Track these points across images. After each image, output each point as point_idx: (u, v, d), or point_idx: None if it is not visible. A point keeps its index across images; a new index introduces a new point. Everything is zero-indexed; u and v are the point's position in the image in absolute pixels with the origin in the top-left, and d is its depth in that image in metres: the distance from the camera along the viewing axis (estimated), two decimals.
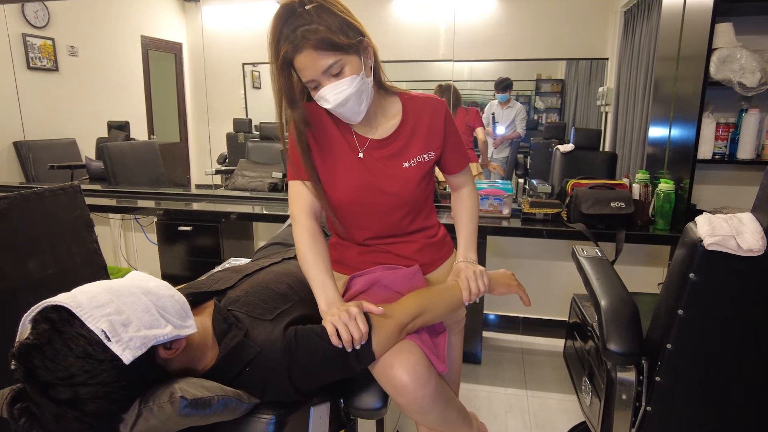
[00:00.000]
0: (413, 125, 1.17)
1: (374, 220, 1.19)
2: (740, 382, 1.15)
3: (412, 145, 1.17)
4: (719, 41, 1.95)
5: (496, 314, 2.70)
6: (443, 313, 1.14)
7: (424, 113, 1.18)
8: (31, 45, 3.62)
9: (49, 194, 1.63)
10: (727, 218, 1.04)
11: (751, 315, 1.09)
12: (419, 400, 1.01)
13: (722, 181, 2.28)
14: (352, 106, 1.06)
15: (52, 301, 0.79)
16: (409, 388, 1.00)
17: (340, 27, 1.00)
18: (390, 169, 1.16)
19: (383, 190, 1.15)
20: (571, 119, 4.17)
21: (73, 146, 3.88)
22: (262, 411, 0.96)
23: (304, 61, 1.00)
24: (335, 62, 1.01)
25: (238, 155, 3.91)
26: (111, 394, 0.78)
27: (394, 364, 1.01)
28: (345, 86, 1.03)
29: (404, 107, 1.18)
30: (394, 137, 1.17)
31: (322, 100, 1.05)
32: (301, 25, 0.98)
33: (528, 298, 1.27)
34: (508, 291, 1.26)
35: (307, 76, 1.03)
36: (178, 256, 2.56)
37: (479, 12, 3.71)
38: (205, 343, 0.99)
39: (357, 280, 1.18)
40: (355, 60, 1.03)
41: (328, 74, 1.02)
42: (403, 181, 1.16)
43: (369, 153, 1.16)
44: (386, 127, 1.17)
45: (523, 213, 2.22)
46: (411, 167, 1.16)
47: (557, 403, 2.07)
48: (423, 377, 1.01)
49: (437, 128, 1.18)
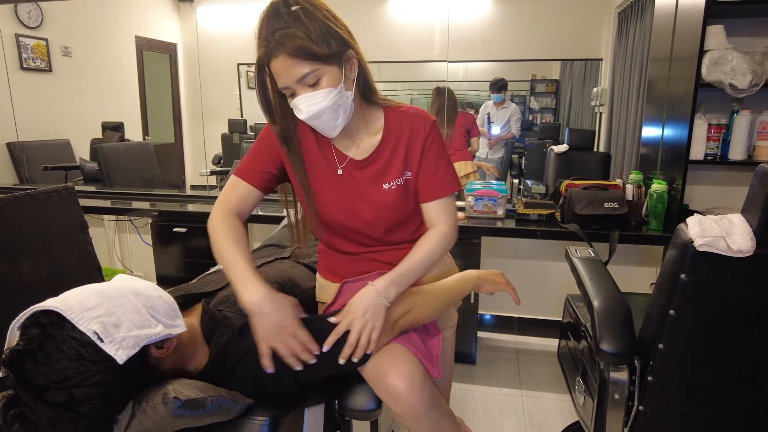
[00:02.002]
0: (394, 143, 1.09)
1: (352, 236, 1.16)
2: (731, 382, 1.16)
3: (392, 166, 1.09)
4: (711, 43, 1.97)
5: (491, 314, 2.71)
6: (436, 309, 1.13)
7: (405, 129, 1.09)
8: (25, 45, 3.60)
9: (43, 196, 1.63)
10: (717, 219, 1.04)
11: (741, 315, 1.10)
12: (415, 407, 1.00)
13: (714, 182, 2.30)
14: (327, 120, 1.00)
15: (40, 306, 0.79)
16: (405, 395, 0.99)
17: (322, 35, 0.94)
18: (369, 193, 1.10)
19: (360, 214, 1.11)
20: (565, 120, 4.18)
21: (67, 147, 3.86)
22: (256, 412, 0.96)
23: (278, 67, 0.95)
24: (311, 72, 0.95)
25: (233, 156, 3.91)
26: (106, 395, 0.78)
27: (389, 372, 1.00)
28: (319, 99, 0.97)
29: (387, 123, 1.10)
30: (374, 157, 1.10)
31: (296, 110, 1.00)
32: (280, 28, 0.93)
33: (518, 296, 1.26)
34: (495, 288, 1.25)
35: (281, 83, 0.97)
36: (173, 257, 2.56)
37: (474, 12, 3.72)
38: (194, 342, 0.99)
39: (349, 286, 1.13)
40: (334, 71, 0.97)
41: (303, 84, 0.96)
42: (382, 206, 1.10)
43: (348, 172, 1.11)
44: (368, 144, 1.11)
45: (518, 213, 2.22)
46: (391, 190, 1.09)
47: (552, 403, 2.07)
48: (419, 384, 1.00)
49: (415, 147, 1.09)
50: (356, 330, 0.99)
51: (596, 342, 1.21)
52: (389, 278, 1.04)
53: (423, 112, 1.11)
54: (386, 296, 1.02)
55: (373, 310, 1.00)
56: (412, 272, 1.07)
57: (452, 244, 1.13)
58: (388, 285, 1.03)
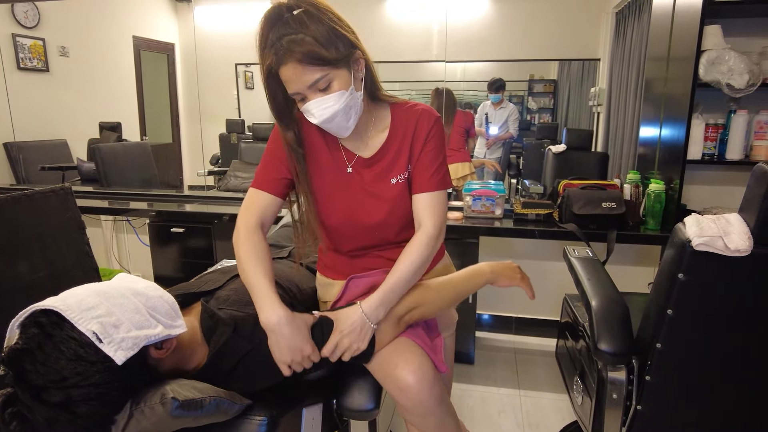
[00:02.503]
0: (401, 139, 1.12)
1: (362, 236, 1.16)
2: (729, 381, 1.16)
3: (398, 161, 1.12)
4: (708, 43, 1.97)
5: (490, 314, 2.71)
6: (440, 306, 1.12)
7: (410, 125, 1.11)
8: (21, 45, 3.59)
9: (40, 196, 1.63)
10: (714, 219, 1.05)
11: (738, 314, 1.10)
12: (425, 402, 1.00)
13: (712, 182, 2.30)
14: (340, 122, 1.01)
15: (40, 305, 0.79)
16: (415, 389, 0.98)
17: (329, 38, 0.94)
18: (377, 189, 1.12)
19: (371, 210, 1.12)
20: (563, 120, 4.19)
21: (65, 147, 3.85)
22: (254, 412, 0.96)
23: (288, 74, 0.95)
24: (322, 77, 0.95)
25: (231, 156, 3.90)
26: (104, 396, 0.78)
27: (399, 363, 0.99)
28: (332, 102, 0.97)
29: (393, 119, 1.12)
30: (382, 153, 1.12)
31: (308, 114, 1.00)
32: (286, 34, 0.92)
33: (533, 290, 1.24)
34: (511, 284, 1.22)
35: (292, 89, 0.97)
36: (170, 257, 2.55)
37: (472, 13, 3.72)
38: (194, 342, 0.99)
39: (356, 282, 1.15)
40: (343, 74, 0.97)
41: (315, 89, 0.96)
42: (391, 200, 1.11)
43: (357, 170, 1.12)
44: (375, 141, 1.13)
45: (516, 213, 2.22)
46: (399, 183, 1.12)
47: (550, 403, 2.08)
48: (430, 379, 1.00)
49: (418, 141, 1.11)
50: (342, 348, 1.01)
51: (594, 342, 1.21)
52: (377, 298, 1.03)
53: (428, 108, 1.13)
54: (374, 319, 1.02)
55: (358, 331, 1.01)
56: (399, 286, 1.05)
57: (438, 245, 1.11)
58: (376, 307, 1.02)
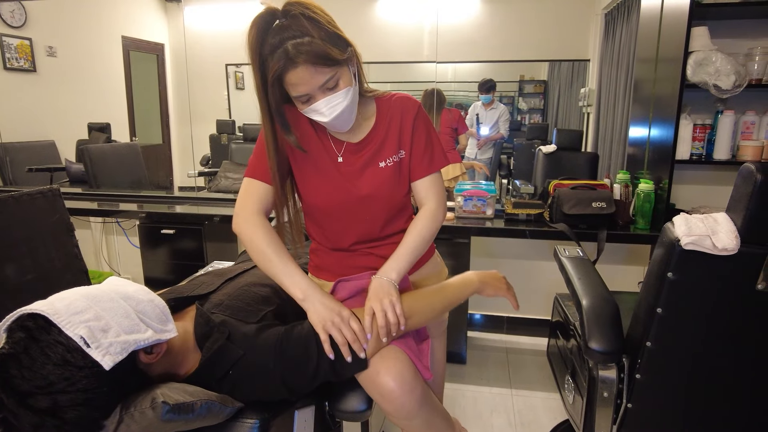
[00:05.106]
0: (387, 125, 1.16)
1: (353, 225, 1.18)
2: (718, 379, 1.17)
3: (386, 145, 1.16)
4: (695, 44, 1.99)
5: (481, 314, 2.71)
6: (430, 316, 1.14)
7: (396, 112, 1.16)
8: (8, 45, 3.54)
9: (28, 198, 1.60)
10: (702, 218, 1.06)
11: (727, 312, 1.11)
12: (406, 405, 1.01)
13: (700, 181, 2.33)
14: (346, 117, 1.06)
15: (27, 309, 0.78)
16: (396, 394, 1.00)
17: (332, 38, 0.97)
18: (367, 174, 1.15)
19: (361, 194, 1.14)
20: (553, 120, 4.22)
21: (53, 148, 3.81)
22: (246, 415, 0.96)
23: (298, 77, 0.97)
24: (331, 76, 0.99)
25: (221, 157, 3.87)
26: (91, 401, 0.77)
27: (380, 370, 1.01)
28: (340, 99, 1.01)
29: (378, 108, 1.17)
30: (369, 139, 1.16)
31: (314, 113, 1.03)
32: (290, 38, 0.94)
33: (517, 301, 1.27)
34: (496, 294, 1.25)
35: (300, 91, 1.00)
36: (161, 259, 2.53)
37: (462, 13, 3.73)
38: (186, 347, 0.98)
39: (344, 285, 1.16)
40: (346, 71, 1.02)
41: (324, 88, 1.00)
42: (379, 181, 1.15)
43: (346, 157, 1.15)
44: (363, 128, 1.17)
45: (506, 213, 2.23)
46: (387, 167, 1.16)
47: (542, 402, 2.09)
48: (410, 383, 1.01)
49: (407, 127, 1.16)
50: (379, 310, 1.02)
51: (585, 340, 1.22)
52: (388, 264, 1.11)
53: (408, 95, 1.20)
54: (389, 277, 1.08)
55: (384, 290, 1.06)
56: (408, 255, 1.13)
57: (442, 219, 1.20)
58: (388, 270, 1.10)
